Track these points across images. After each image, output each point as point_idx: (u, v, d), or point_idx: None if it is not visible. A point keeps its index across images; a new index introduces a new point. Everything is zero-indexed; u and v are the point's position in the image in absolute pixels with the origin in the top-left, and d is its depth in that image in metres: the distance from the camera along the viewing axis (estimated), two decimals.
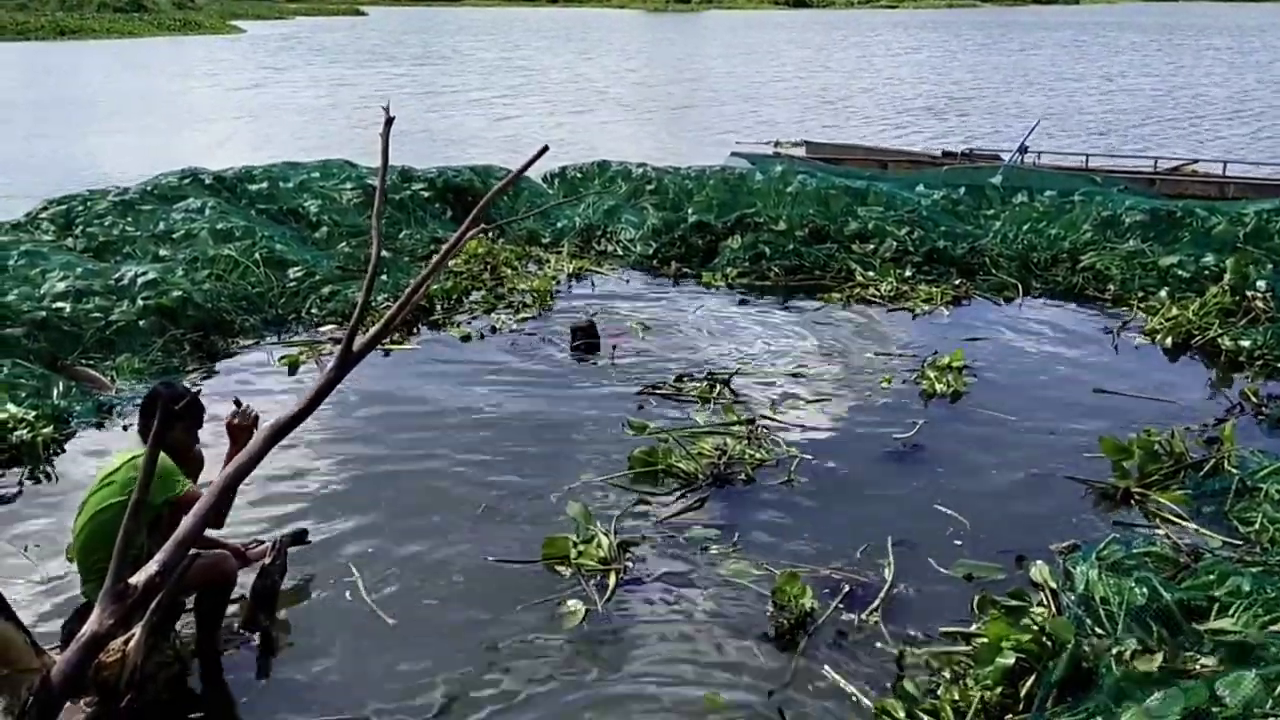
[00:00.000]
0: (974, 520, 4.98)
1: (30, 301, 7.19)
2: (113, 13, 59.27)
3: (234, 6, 76.96)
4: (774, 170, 11.12)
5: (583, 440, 5.96)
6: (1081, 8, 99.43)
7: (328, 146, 17.17)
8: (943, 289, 8.84)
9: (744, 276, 9.36)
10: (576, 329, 7.59)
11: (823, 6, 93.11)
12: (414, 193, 10.78)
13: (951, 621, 4.15)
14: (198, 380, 6.83)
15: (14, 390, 6.09)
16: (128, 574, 3.20)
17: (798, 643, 4.05)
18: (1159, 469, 5.32)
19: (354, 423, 6.22)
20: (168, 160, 15.13)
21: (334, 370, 3.85)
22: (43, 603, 4.28)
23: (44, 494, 5.36)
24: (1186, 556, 4.28)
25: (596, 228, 10.61)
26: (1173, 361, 7.38)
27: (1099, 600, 3.75)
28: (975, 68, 35.64)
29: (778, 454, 5.66)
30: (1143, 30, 59.08)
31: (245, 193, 10.26)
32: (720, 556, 4.69)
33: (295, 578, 4.46)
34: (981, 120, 22.32)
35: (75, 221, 9.25)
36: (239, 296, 8.08)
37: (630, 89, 29.72)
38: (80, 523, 3.89)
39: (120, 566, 3.17)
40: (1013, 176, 11.07)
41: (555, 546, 4.68)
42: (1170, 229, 9.35)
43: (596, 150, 14.54)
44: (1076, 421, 6.19)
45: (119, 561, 3.17)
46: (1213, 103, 25.42)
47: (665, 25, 69.16)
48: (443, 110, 24.42)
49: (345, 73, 34.38)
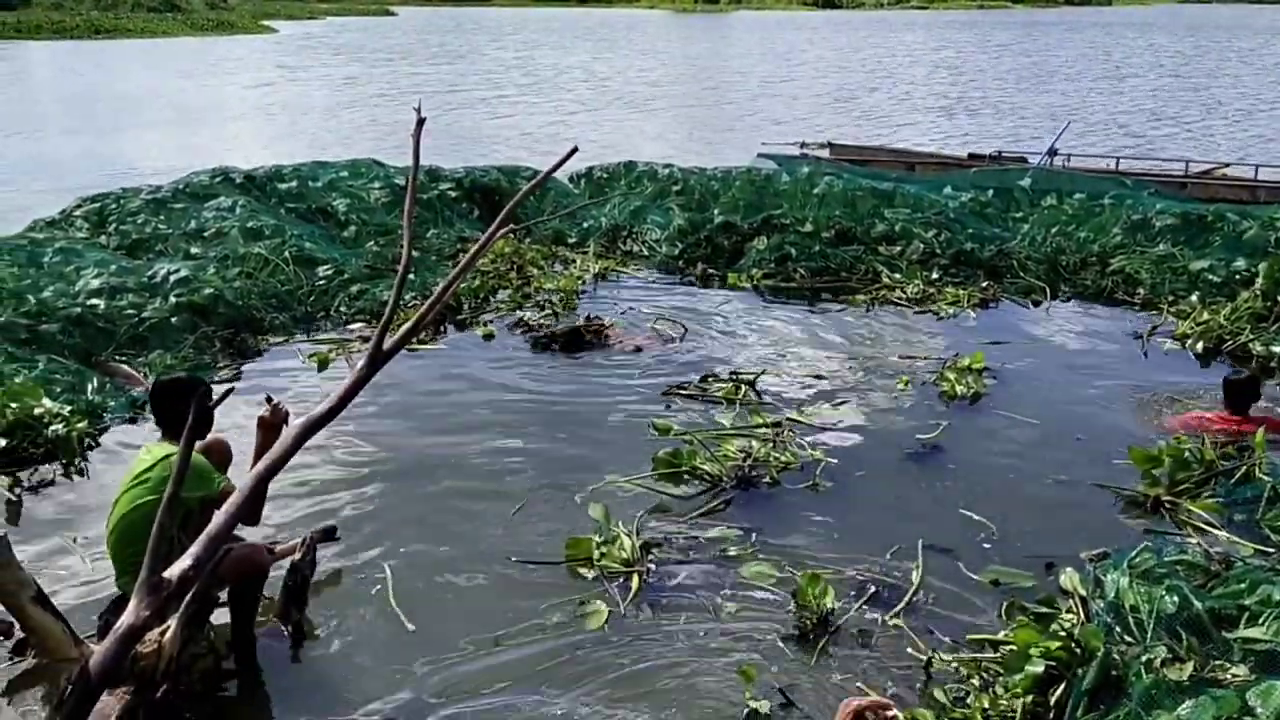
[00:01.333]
0: (1000, 525, 4.96)
1: (65, 298, 7.31)
2: (147, 13, 60.04)
3: (266, 6, 77.71)
4: (801, 171, 11.09)
5: (607, 440, 5.98)
6: (1115, 9, 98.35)
7: (348, 143, 17.33)
8: (970, 291, 8.79)
9: (770, 278, 9.35)
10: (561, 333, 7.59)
11: (853, 7, 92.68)
12: (441, 192, 10.86)
13: (978, 627, 4.14)
14: (228, 377, 6.92)
15: (50, 385, 6.19)
16: (162, 567, 3.26)
17: (821, 645, 4.05)
18: (1189, 476, 5.27)
19: (382, 421, 6.27)
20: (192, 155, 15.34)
21: (364, 369, 3.90)
22: (80, 594, 4.36)
23: (79, 488, 5.46)
24: (1218, 564, 4.23)
25: (622, 228, 10.64)
26: (1204, 367, 7.30)
27: (1128, 608, 3.73)
28: (1003, 69, 35.36)
29: (802, 457, 5.66)
30: (1171, 32, 58.37)
31: (275, 191, 10.37)
32: (743, 559, 4.69)
33: (325, 573, 4.51)
34: (1009, 122, 22.14)
35: (109, 219, 9.39)
36: (269, 294, 8.17)
37: (657, 89, 29.73)
38: (113, 519, 3.96)
39: (155, 560, 3.23)
40: (1042, 179, 10.98)
41: (579, 547, 4.70)
42: (1201, 233, 9.24)
43: (623, 151, 14.57)
44: (1103, 427, 6.14)
45: (154, 555, 3.23)
46: (1243, 104, 25.07)
47: (694, 25, 69.10)
48: (467, 108, 24.55)
49: (370, 70, 34.63)
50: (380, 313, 7.38)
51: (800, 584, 4.28)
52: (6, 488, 5.38)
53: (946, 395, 6.57)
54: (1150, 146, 18.22)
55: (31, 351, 6.65)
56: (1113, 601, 3.81)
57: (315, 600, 4.33)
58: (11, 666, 3.92)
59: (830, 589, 4.26)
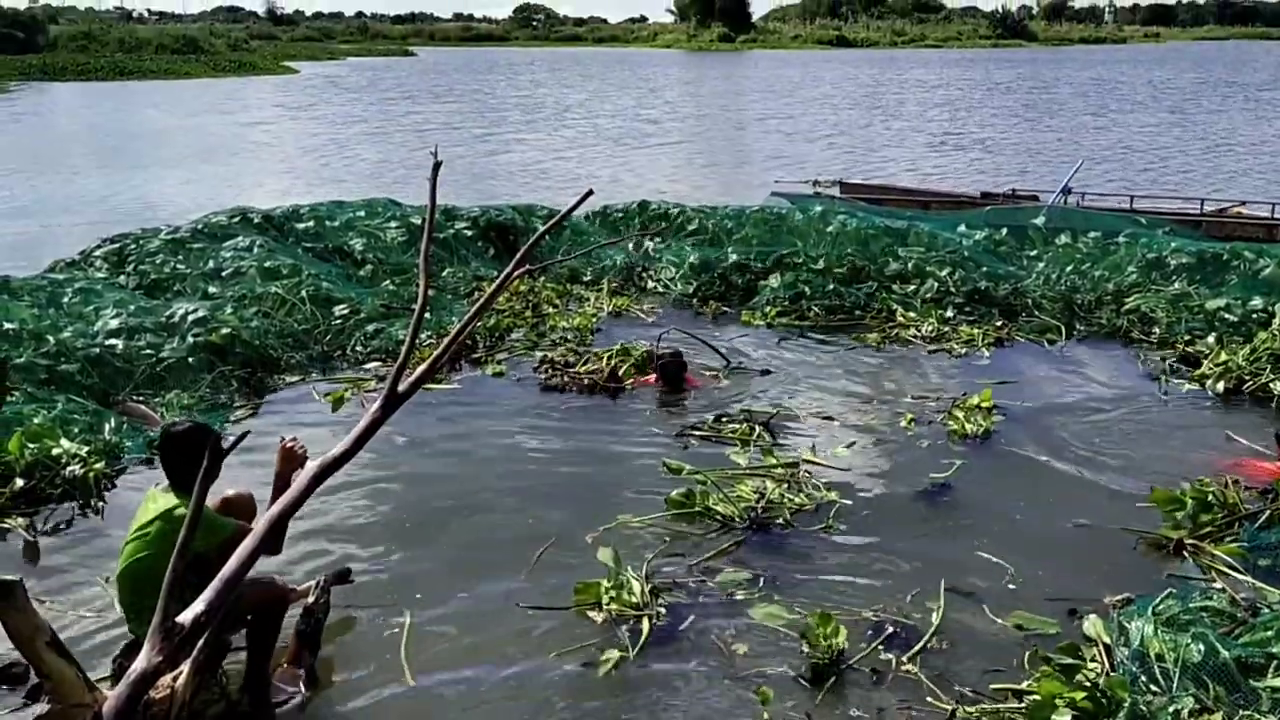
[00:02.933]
0: (1020, 568, 4.90)
1: (84, 338, 7.37)
2: (170, 54, 61.19)
3: (287, 48, 79.22)
4: (814, 210, 11.14)
5: (620, 481, 5.95)
6: (1130, 46, 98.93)
7: (370, 180, 17.51)
8: (984, 330, 8.77)
9: (784, 316, 9.35)
10: (663, 361, 7.47)
11: (867, 46, 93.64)
12: (457, 231, 10.95)
13: (998, 674, 4.07)
14: (244, 416, 6.95)
15: (68, 425, 6.23)
16: (176, 612, 3.25)
17: (834, 690, 3.99)
18: (1212, 520, 5.20)
19: (396, 462, 6.27)
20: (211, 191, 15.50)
21: (379, 410, 3.90)
22: (94, 638, 4.34)
23: (95, 529, 5.46)
24: (1244, 611, 4.16)
25: (637, 266, 10.69)
26: (1223, 408, 7.22)
27: (1154, 656, 3.66)
28: (1016, 107, 35.51)
29: (816, 499, 5.61)
30: (1181, 68, 58.60)
31: (293, 231, 10.49)
32: (755, 601, 4.64)
33: (339, 617, 4.48)
34: (1021, 159, 22.20)
35: (128, 259, 9.50)
36: (286, 333, 8.22)
37: (670, 126, 29.99)
38: (119, 571, 3.95)
39: (168, 605, 3.22)
40: (1056, 217, 10.98)
41: (588, 592, 4.64)
42: (1217, 271, 9.21)
43: (636, 190, 14.69)
44: (1121, 467, 6.08)
45: (166, 600, 3.22)
46: (1257, 143, 25.08)
47: (709, 64, 69.83)
48: (482, 144, 24.82)
49: (388, 108, 35.08)
50: (396, 352, 7.41)
51: (810, 624, 4.22)
52: (24, 528, 5.39)
53: (956, 434, 6.53)
54: (1167, 184, 18.20)
55: (50, 391, 6.70)
56: (1138, 650, 3.75)
57: (328, 644, 4.30)
58: (25, 712, 3.89)
59: (842, 629, 4.20)
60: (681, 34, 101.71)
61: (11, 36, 60.31)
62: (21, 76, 49.05)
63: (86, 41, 65.32)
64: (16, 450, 5.78)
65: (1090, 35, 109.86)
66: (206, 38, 72.18)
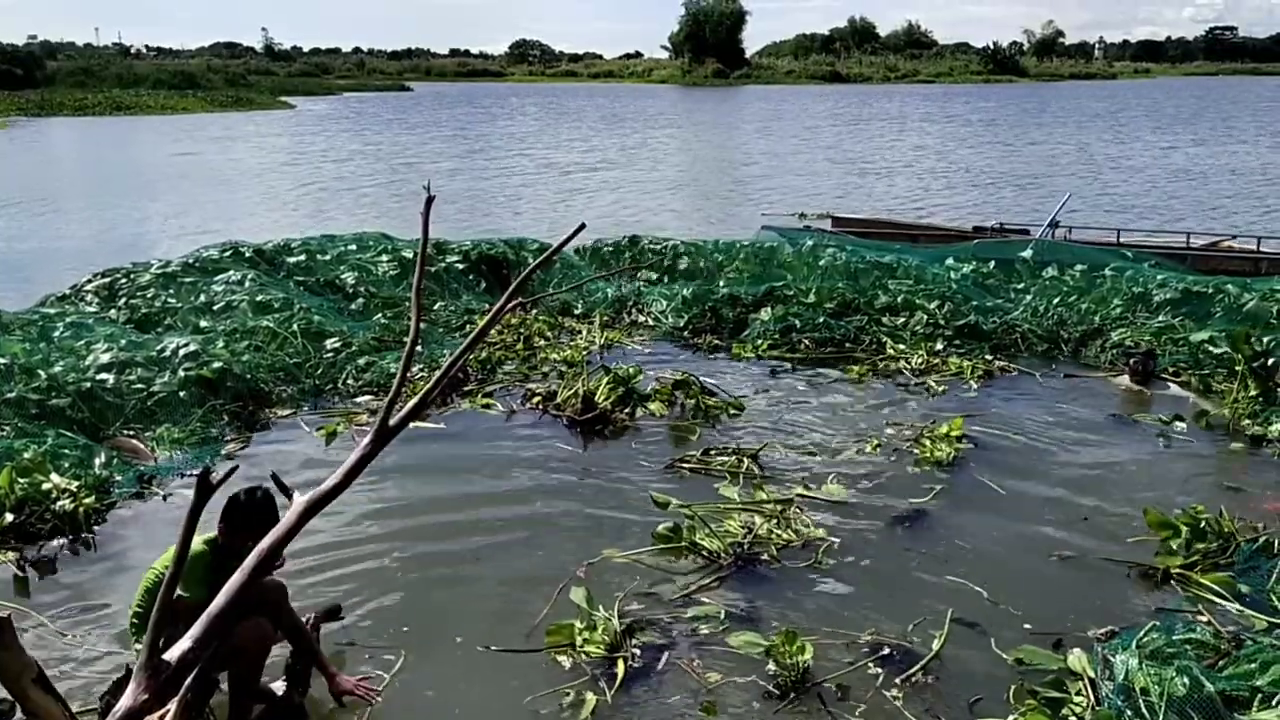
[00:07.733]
0: (1007, 601, 4.91)
1: (75, 373, 7.38)
2: (167, 90, 61.63)
3: (284, 83, 79.85)
4: (804, 243, 11.24)
5: (608, 514, 5.96)
6: (1120, 82, 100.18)
7: (363, 215, 17.61)
8: (973, 363, 8.83)
9: (775, 348, 9.41)
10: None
11: (860, 81, 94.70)
12: (449, 264, 11.02)
13: (986, 709, 4.07)
14: (235, 450, 6.95)
15: (58, 460, 6.22)
16: (162, 650, 3.24)
17: (796, 705, 4.00)
18: (1205, 548, 5.22)
19: (385, 497, 6.27)
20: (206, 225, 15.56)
21: (370, 444, 3.91)
22: (81, 674, 4.33)
23: (85, 564, 5.45)
24: (1228, 643, 4.18)
25: (628, 299, 10.76)
26: (1213, 440, 7.26)
27: (1139, 690, 3.67)
28: (1006, 142, 35.90)
29: (804, 535, 5.62)
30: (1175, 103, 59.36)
31: (284, 265, 10.54)
32: (731, 632, 4.63)
33: (331, 653, 4.47)
34: (1012, 195, 22.42)
35: (119, 293, 9.54)
36: (277, 367, 8.24)
37: (663, 161, 30.25)
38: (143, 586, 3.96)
39: (155, 642, 3.22)
40: (1043, 250, 11.09)
41: (561, 634, 4.58)
42: (1202, 304, 9.30)
43: (626, 224, 14.81)
44: (1107, 498, 6.12)
45: (154, 637, 3.22)
46: (1245, 177, 25.38)
47: (702, 98, 70.53)
48: (472, 176, 24.99)
49: (383, 143, 35.32)
50: (388, 385, 7.43)
51: (776, 642, 4.24)
52: (14, 562, 5.38)
53: (927, 461, 6.61)
54: (1154, 218, 18.39)
55: (41, 426, 6.70)
56: (1123, 684, 3.76)
57: (316, 681, 4.29)
58: None
59: (809, 646, 4.26)
60: (676, 69, 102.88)
61: (10, 73, 60.76)
62: (19, 112, 49.37)
63: (84, 77, 65.88)
64: (6, 485, 5.78)
65: (1081, 71, 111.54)
66: (204, 73, 72.83)
